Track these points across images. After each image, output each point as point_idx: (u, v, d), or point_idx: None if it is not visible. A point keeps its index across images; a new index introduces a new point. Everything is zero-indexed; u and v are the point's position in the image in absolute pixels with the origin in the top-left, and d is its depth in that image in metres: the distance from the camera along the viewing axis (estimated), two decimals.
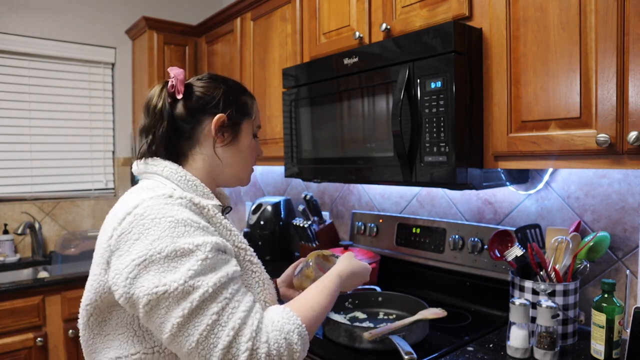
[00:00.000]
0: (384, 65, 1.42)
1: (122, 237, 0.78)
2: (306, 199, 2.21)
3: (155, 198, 0.81)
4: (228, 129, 0.97)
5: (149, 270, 0.74)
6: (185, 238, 0.77)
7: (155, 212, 0.79)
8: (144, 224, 0.78)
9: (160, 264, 0.74)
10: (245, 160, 1.02)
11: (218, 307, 0.74)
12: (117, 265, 0.77)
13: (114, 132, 2.92)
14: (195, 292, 0.73)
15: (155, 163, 0.93)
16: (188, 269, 0.74)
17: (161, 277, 0.73)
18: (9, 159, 2.58)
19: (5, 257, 2.44)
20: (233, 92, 0.99)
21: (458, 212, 1.81)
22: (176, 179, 0.91)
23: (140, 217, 0.78)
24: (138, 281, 0.74)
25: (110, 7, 2.86)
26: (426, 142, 1.31)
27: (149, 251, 0.75)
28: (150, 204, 0.80)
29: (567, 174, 1.49)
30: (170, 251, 0.75)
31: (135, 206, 0.80)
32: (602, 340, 1.17)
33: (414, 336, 1.29)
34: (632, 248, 1.35)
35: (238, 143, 0.99)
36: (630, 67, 1.01)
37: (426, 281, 1.82)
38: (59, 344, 2.12)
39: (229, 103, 0.97)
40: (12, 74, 2.57)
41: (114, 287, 0.77)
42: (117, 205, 0.89)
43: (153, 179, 0.93)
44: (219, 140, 0.96)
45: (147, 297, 0.73)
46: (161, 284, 0.73)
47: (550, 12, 1.14)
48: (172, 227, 0.77)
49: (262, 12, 2.22)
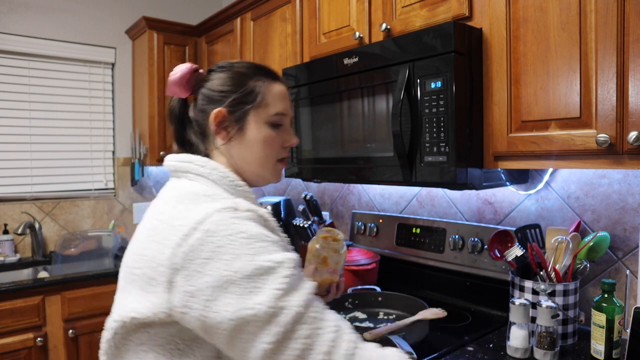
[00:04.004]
0: (384, 65, 1.42)
1: (190, 256, 0.71)
2: (306, 199, 2.21)
3: (220, 211, 0.74)
4: (231, 123, 0.88)
5: (228, 292, 0.68)
6: (264, 255, 0.71)
7: (225, 228, 0.72)
8: (215, 242, 0.71)
9: (240, 285, 0.68)
10: (259, 155, 0.90)
11: (308, 330, 0.69)
12: (188, 287, 0.70)
13: (114, 132, 2.92)
14: (284, 314, 0.68)
15: (202, 164, 0.85)
16: (273, 288, 0.69)
17: (244, 299, 0.68)
18: (9, 159, 2.57)
19: (5, 257, 2.44)
20: (236, 78, 0.90)
21: (458, 212, 1.81)
22: (226, 183, 0.85)
23: (210, 233, 0.72)
24: (217, 305, 0.68)
25: (110, 7, 2.86)
26: (426, 142, 1.31)
27: (226, 272, 0.69)
28: (218, 219, 0.73)
29: (567, 174, 1.49)
30: (250, 270, 0.69)
31: (200, 221, 0.73)
32: (602, 340, 1.17)
33: (414, 336, 1.29)
34: (632, 248, 1.35)
35: (246, 136, 0.89)
36: (630, 67, 1.01)
37: (426, 281, 1.82)
38: (59, 344, 2.12)
39: (228, 93, 0.88)
40: (12, 74, 2.57)
41: (184, 309, 0.71)
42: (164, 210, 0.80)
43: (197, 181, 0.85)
44: (221, 136, 0.89)
45: (230, 322, 0.67)
46: (246, 307, 0.67)
47: (550, 12, 1.14)
48: (247, 243, 0.71)
49: (262, 12, 2.22)
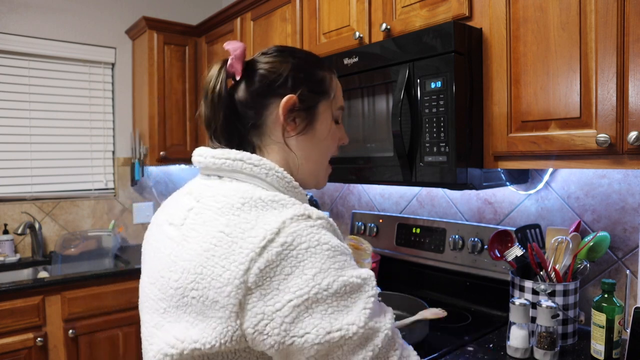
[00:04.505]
0: (384, 65, 1.42)
1: (267, 273, 0.61)
2: None
3: (296, 220, 0.65)
4: (301, 113, 0.79)
5: (313, 312, 0.60)
6: (349, 270, 0.64)
7: (307, 240, 0.63)
8: (295, 256, 0.62)
9: (328, 304, 0.61)
10: (324, 152, 0.83)
11: (397, 355, 0.64)
12: (264, 308, 0.61)
13: (114, 132, 2.92)
14: (377, 336, 0.62)
15: (256, 162, 0.73)
16: (363, 307, 0.62)
17: (332, 319, 0.60)
18: (9, 159, 2.57)
19: (5, 257, 2.44)
20: (305, 66, 0.81)
21: (458, 212, 1.81)
22: (283, 185, 0.74)
23: (290, 246, 0.62)
24: (299, 326, 0.60)
25: (110, 7, 2.86)
26: (426, 142, 1.31)
27: (311, 288, 0.60)
28: (295, 229, 0.64)
29: (567, 174, 1.49)
30: (339, 287, 0.62)
31: (275, 232, 0.63)
32: (602, 340, 1.17)
33: (414, 336, 1.29)
34: (632, 248, 1.35)
35: (314, 130, 0.80)
36: (630, 67, 1.01)
37: (426, 281, 1.82)
38: (59, 344, 2.12)
39: (301, 80, 0.79)
40: (12, 74, 2.57)
41: (260, 336, 0.61)
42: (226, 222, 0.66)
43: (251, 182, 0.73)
44: (290, 127, 0.78)
45: (317, 346, 0.59)
46: (335, 329, 0.60)
47: (550, 12, 1.14)
48: (331, 256, 0.63)
49: (262, 12, 2.22)
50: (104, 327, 2.21)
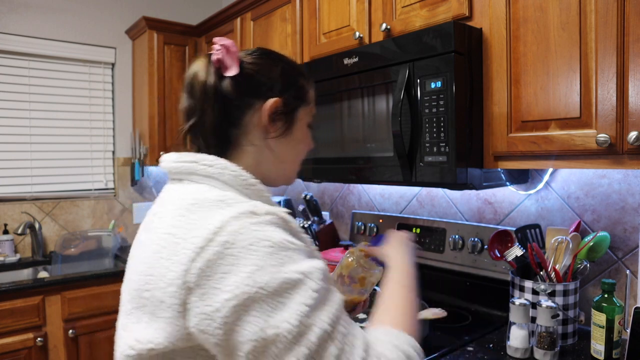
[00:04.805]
0: (384, 65, 1.42)
1: (205, 272, 0.62)
2: (306, 199, 2.21)
3: (238, 218, 0.65)
4: (282, 117, 0.81)
5: (250, 311, 0.60)
6: (290, 265, 0.63)
7: (246, 237, 0.63)
8: (234, 254, 0.62)
9: (264, 302, 0.60)
10: (298, 154, 0.87)
11: (336, 349, 0.61)
12: (204, 307, 0.62)
13: (114, 132, 2.92)
14: (311, 332, 0.60)
15: (210, 163, 0.74)
16: (300, 303, 0.61)
17: (267, 317, 0.60)
18: (9, 159, 2.57)
19: (5, 257, 2.44)
20: (292, 72, 0.84)
21: (458, 212, 1.81)
22: (238, 183, 0.74)
23: (229, 245, 0.62)
24: (238, 325, 0.60)
25: (110, 7, 2.86)
26: (426, 142, 1.31)
27: (247, 287, 0.60)
28: (236, 227, 0.64)
29: (567, 174, 1.49)
30: (276, 284, 0.61)
31: (216, 231, 0.63)
32: (602, 340, 1.17)
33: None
34: (632, 248, 1.35)
35: (292, 134, 0.84)
36: (630, 67, 1.01)
37: (426, 281, 1.82)
38: (59, 344, 2.12)
39: (287, 86, 0.81)
40: (12, 74, 2.57)
41: (203, 335, 0.62)
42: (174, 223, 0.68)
43: (206, 183, 0.74)
44: (272, 129, 0.80)
45: (251, 343, 0.60)
46: (269, 326, 0.60)
47: (550, 12, 1.14)
48: (270, 253, 0.63)
49: (262, 12, 2.22)
50: (104, 327, 2.21)
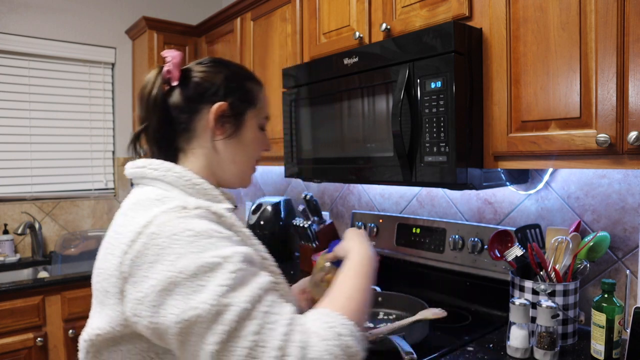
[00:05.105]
0: (384, 65, 1.42)
1: (135, 262, 0.68)
2: (306, 199, 2.21)
3: (167, 212, 0.71)
4: (229, 119, 0.87)
5: (173, 295, 0.65)
6: (211, 251, 0.67)
7: (171, 228, 0.69)
8: (159, 244, 0.68)
9: (185, 285, 0.65)
10: (249, 156, 0.92)
11: (256, 325, 0.64)
12: (135, 294, 0.67)
13: (114, 132, 2.92)
14: (229, 311, 0.63)
15: (155, 166, 0.82)
16: (217, 284, 0.64)
17: (189, 299, 0.64)
18: (9, 159, 2.57)
19: (5, 257, 2.44)
20: (237, 77, 0.90)
21: (458, 212, 1.81)
22: (181, 184, 0.81)
23: (155, 236, 0.68)
24: (163, 309, 0.65)
25: (110, 7, 2.86)
26: (426, 142, 1.31)
27: (169, 272, 0.65)
28: (163, 220, 0.70)
29: (567, 174, 1.49)
30: (194, 268, 0.65)
31: (145, 225, 0.70)
32: (602, 340, 1.17)
33: (414, 336, 1.29)
34: (632, 248, 1.35)
35: (241, 135, 0.89)
36: (630, 67, 1.01)
37: (426, 281, 1.82)
38: (59, 344, 2.12)
39: (231, 90, 0.87)
40: (12, 74, 2.57)
41: (135, 318, 0.68)
42: (119, 222, 0.77)
43: (154, 185, 0.82)
44: (219, 132, 0.86)
45: (177, 325, 0.64)
46: (189, 307, 0.63)
47: (550, 12, 1.14)
48: (192, 241, 0.67)
49: (262, 12, 2.22)
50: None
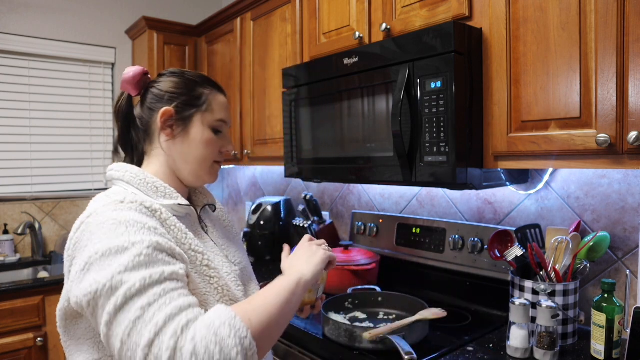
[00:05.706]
0: (384, 65, 1.42)
1: (76, 246, 0.80)
2: (306, 199, 2.21)
3: (106, 205, 0.82)
4: (177, 122, 0.96)
5: (87, 272, 0.74)
6: (124, 237, 0.76)
7: (101, 217, 0.79)
8: (91, 230, 0.78)
9: (96, 264, 0.74)
10: (199, 155, 0.97)
11: (144, 302, 0.69)
12: (73, 272, 0.78)
13: (114, 132, 2.92)
14: (122, 287, 0.70)
15: (117, 168, 0.94)
16: (119, 264, 0.72)
17: (96, 275, 0.72)
18: (9, 159, 2.57)
19: (5, 257, 2.44)
20: (186, 83, 0.98)
21: (458, 212, 1.81)
22: (137, 182, 0.92)
23: (89, 224, 0.80)
24: (80, 285, 0.74)
25: (110, 7, 2.86)
26: (426, 142, 1.31)
27: (90, 253, 0.75)
28: (100, 212, 0.81)
29: (567, 174, 1.49)
30: (105, 250, 0.74)
31: (89, 215, 0.82)
32: (602, 340, 1.17)
33: (414, 336, 1.29)
34: (632, 248, 1.35)
35: (188, 137, 0.97)
36: (630, 67, 1.01)
37: (426, 281, 1.82)
38: (59, 344, 2.12)
39: (179, 95, 0.97)
40: (12, 74, 2.57)
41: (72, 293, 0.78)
42: None
43: (118, 185, 0.94)
44: (166, 133, 0.96)
45: (85, 298, 0.72)
46: (94, 282, 0.72)
47: (550, 12, 1.14)
48: (113, 229, 0.77)
49: (262, 12, 2.22)
50: None
